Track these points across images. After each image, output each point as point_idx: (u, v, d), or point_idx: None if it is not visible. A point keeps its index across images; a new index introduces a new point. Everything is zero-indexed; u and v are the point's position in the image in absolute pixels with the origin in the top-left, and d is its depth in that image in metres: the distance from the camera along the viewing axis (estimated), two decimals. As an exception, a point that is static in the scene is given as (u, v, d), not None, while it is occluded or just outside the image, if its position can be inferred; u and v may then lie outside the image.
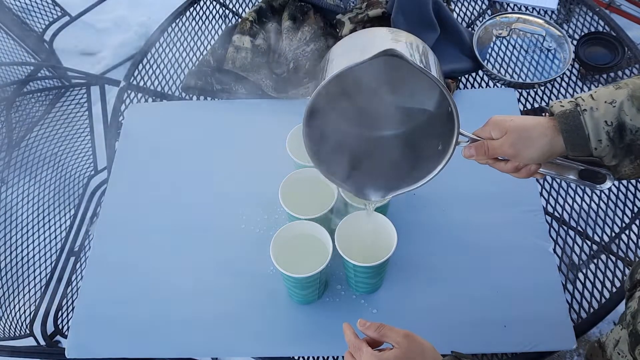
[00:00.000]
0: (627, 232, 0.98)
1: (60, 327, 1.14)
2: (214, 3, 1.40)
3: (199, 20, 1.36)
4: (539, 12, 1.30)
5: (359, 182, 0.78)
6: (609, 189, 1.02)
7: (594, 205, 1.01)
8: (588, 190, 1.02)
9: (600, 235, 0.98)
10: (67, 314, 1.16)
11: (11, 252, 1.14)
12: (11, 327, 1.09)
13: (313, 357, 0.87)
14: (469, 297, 0.88)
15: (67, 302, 1.18)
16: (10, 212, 1.17)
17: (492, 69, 1.19)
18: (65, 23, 1.69)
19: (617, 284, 0.92)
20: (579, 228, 0.98)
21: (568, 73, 1.20)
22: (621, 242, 0.97)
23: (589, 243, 0.97)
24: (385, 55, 0.61)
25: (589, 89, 1.18)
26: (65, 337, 0.93)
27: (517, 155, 0.68)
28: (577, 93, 1.16)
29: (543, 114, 0.71)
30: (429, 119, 0.77)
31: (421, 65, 0.62)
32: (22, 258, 1.16)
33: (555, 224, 0.98)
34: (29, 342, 1.10)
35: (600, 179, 0.70)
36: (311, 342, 0.85)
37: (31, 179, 1.23)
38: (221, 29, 1.34)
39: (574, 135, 0.65)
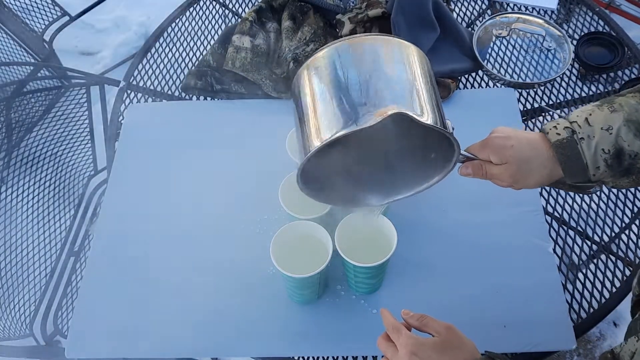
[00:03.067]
0: (627, 232, 0.98)
1: (60, 327, 1.14)
2: (214, 3, 1.40)
3: (198, 20, 1.36)
4: (538, 12, 1.30)
5: (355, 193, 0.78)
6: (609, 189, 1.03)
7: (594, 205, 1.01)
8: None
9: (600, 235, 0.98)
10: (67, 314, 1.16)
11: (11, 252, 1.14)
12: (11, 327, 1.09)
13: (313, 357, 0.87)
14: (469, 297, 0.88)
15: (67, 302, 1.18)
16: (10, 212, 1.17)
17: (492, 69, 1.19)
18: (65, 23, 1.69)
19: (617, 284, 0.92)
20: (579, 228, 0.98)
21: (568, 73, 1.20)
22: (621, 242, 0.97)
23: (589, 243, 0.97)
24: (391, 117, 0.60)
25: (589, 89, 1.18)
26: (65, 337, 0.93)
27: (516, 183, 0.69)
28: (576, 93, 1.16)
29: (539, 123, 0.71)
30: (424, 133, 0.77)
31: (428, 123, 0.62)
32: (22, 258, 1.16)
33: (555, 224, 0.98)
34: (29, 342, 1.10)
35: (588, 187, 0.70)
36: (311, 342, 0.85)
37: (31, 179, 1.23)
38: (221, 29, 1.34)
39: (572, 164, 0.65)
